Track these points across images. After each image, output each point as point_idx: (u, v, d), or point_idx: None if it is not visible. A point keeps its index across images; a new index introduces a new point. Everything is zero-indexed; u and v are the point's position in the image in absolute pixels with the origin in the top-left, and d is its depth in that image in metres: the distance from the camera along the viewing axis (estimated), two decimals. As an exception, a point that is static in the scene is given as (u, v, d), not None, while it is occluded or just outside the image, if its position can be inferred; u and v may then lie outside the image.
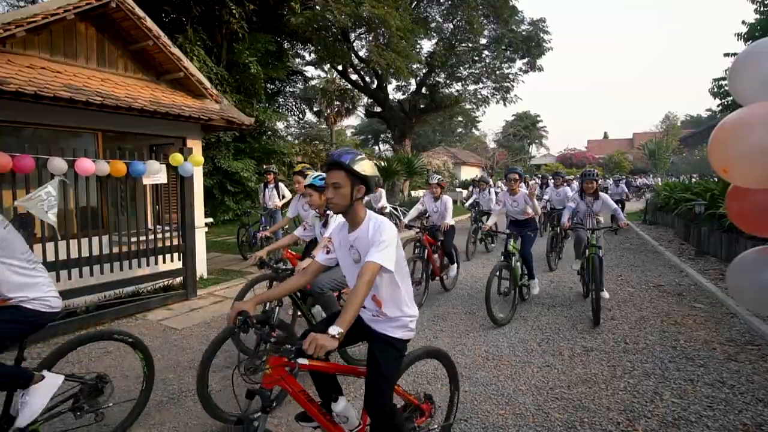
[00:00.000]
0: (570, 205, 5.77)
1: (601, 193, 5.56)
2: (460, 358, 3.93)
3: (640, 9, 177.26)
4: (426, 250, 5.71)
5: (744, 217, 2.25)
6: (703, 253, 8.20)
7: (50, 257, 4.42)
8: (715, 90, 13.11)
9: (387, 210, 9.47)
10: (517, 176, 5.62)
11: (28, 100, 4.58)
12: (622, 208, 10.94)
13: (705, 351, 4.01)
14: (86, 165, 4.53)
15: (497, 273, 4.92)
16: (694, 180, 17.06)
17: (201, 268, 6.81)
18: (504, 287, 5.11)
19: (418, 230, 5.85)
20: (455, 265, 6.10)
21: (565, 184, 10.44)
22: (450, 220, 5.79)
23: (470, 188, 13.61)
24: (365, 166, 1.93)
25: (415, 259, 5.66)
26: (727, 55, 12.04)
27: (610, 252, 9.04)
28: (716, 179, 10.62)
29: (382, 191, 9.34)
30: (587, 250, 5.11)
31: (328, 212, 3.54)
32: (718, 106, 13.92)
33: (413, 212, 6.19)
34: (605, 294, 5.23)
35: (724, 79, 12.84)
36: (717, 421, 2.88)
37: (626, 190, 15.17)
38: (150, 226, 5.85)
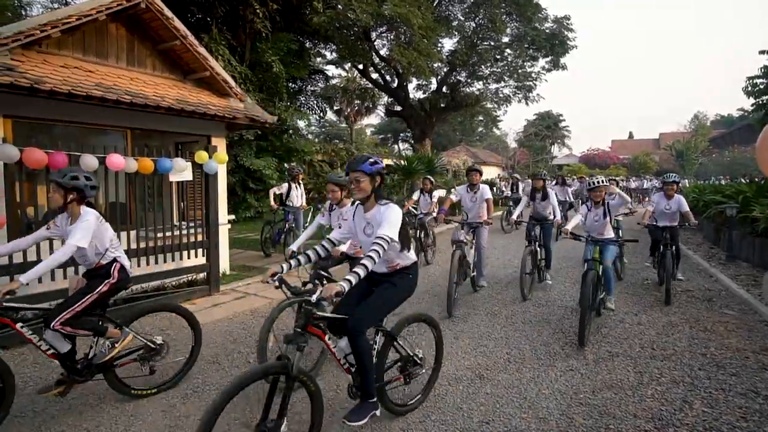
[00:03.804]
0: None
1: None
2: (482, 359, 3.89)
3: (668, 5, 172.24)
4: None
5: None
6: (734, 257, 7.91)
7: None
8: (749, 89, 12.65)
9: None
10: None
11: (62, 98, 4.74)
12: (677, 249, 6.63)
13: (737, 359, 3.87)
14: (117, 160, 4.68)
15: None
16: (724, 182, 16.47)
17: (224, 264, 6.92)
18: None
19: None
20: None
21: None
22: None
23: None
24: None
25: None
26: (762, 52, 11.58)
27: (635, 254, 8.80)
28: (762, 179, 10.20)
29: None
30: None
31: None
32: (752, 105, 13.42)
33: None
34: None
35: (759, 77, 12.38)
36: (751, 432, 2.78)
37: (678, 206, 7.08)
38: (175, 222, 5.97)
